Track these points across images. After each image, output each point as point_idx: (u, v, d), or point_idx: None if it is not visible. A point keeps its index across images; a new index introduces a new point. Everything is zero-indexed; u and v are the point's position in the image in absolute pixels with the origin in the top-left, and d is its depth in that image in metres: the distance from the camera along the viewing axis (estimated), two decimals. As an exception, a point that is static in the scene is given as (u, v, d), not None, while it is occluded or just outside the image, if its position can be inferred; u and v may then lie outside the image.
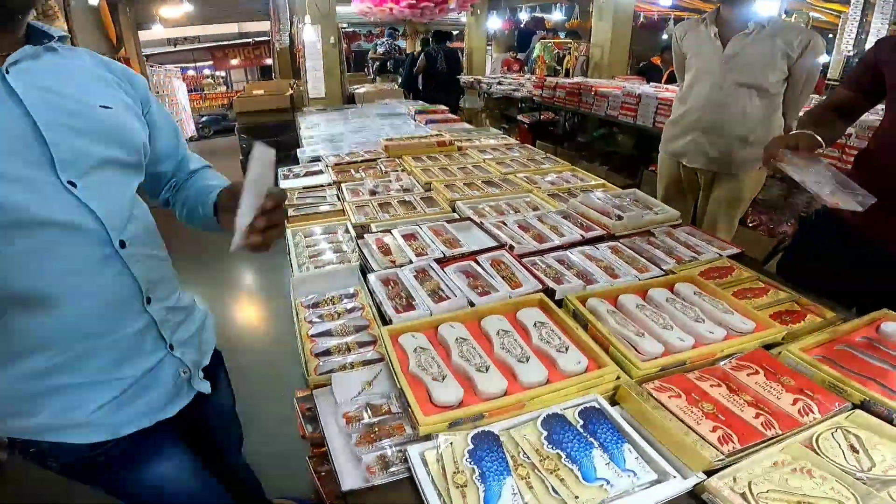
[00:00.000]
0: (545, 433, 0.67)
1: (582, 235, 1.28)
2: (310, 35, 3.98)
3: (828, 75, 4.19)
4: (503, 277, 1.07)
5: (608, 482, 0.61)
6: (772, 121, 1.87)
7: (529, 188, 1.67)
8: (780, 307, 1.01)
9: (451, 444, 0.67)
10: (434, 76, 5.58)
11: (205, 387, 0.92)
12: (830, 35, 4.33)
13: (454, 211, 1.52)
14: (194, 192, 0.95)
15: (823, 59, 1.94)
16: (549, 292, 1.02)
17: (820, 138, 1.12)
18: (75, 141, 0.72)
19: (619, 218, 1.32)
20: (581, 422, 0.69)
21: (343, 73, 4.56)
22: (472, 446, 0.66)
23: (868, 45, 3.56)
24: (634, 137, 4.39)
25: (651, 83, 4.88)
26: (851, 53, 3.82)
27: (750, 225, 2.83)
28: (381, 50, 10.02)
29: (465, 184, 1.72)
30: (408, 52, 8.45)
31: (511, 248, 1.20)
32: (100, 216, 0.72)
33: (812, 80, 1.81)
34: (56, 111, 0.72)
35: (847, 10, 3.65)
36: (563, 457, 0.64)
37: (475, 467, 0.63)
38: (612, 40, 5.46)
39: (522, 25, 10.27)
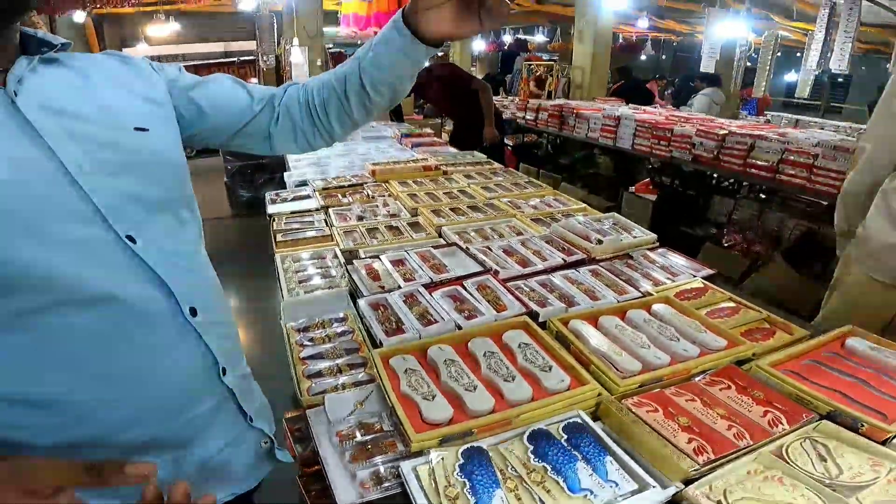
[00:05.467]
0: (531, 447, 0.72)
1: (564, 259, 1.35)
2: (297, 57, 4.08)
3: (796, 93, 4.43)
4: (489, 301, 1.13)
5: (592, 492, 0.66)
6: None
7: (513, 213, 1.75)
8: (751, 325, 1.09)
9: (443, 459, 0.72)
10: None
11: (286, 456, 0.85)
12: (798, 54, 4.59)
13: (440, 236, 1.58)
14: (332, 78, 0.80)
15: (791, 77, 2.06)
16: (533, 315, 1.09)
17: None
18: (120, 182, 0.62)
19: (599, 242, 1.40)
20: (565, 436, 0.75)
21: None
22: (462, 461, 0.71)
23: (832, 63, 3.73)
24: (614, 159, 4.56)
25: (630, 105, 5.09)
26: (818, 72, 4.05)
27: (725, 245, 2.96)
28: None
29: (450, 209, 1.79)
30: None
31: (496, 272, 1.27)
32: (165, 280, 0.62)
33: None
34: (86, 144, 0.60)
35: (813, 29, 3.85)
36: (549, 469, 0.69)
37: (466, 481, 0.68)
38: (593, 62, 5.68)
39: (506, 47, 10.62)
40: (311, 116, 0.84)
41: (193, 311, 0.65)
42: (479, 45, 10.18)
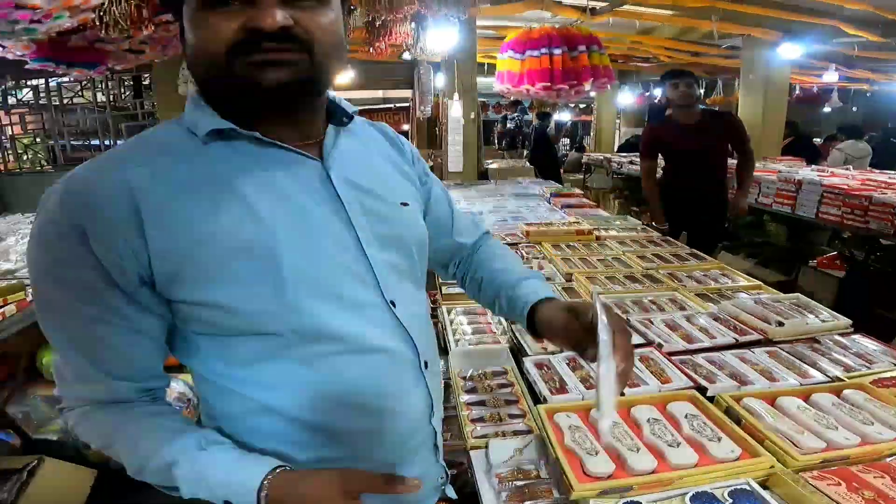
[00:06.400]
0: None
1: (735, 339, 1.38)
2: (456, 111, 4.48)
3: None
4: (652, 373, 1.21)
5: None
6: None
7: (674, 286, 1.81)
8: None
9: (602, 509, 0.82)
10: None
11: (452, 492, 0.95)
12: None
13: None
14: (487, 276, 0.97)
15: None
16: (701, 390, 1.13)
17: None
18: (386, 253, 0.74)
19: (780, 324, 1.40)
20: (730, 500, 0.80)
21: (480, 147, 5.08)
22: (620, 512, 0.80)
23: None
24: (789, 227, 4.24)
25: (812, 165, 4.74)
26: None
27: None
28: (510, 125, 10.86)
29: (606, 277, 1.91)
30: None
31: (659, 346, 1.35)
32: (412, 337, 0.76)
33: None
34: (370, 217, 0.73)
35: None
36: (714, 531, 0.77)
37: (623, 531, 0.78)
38: (764, 118, 5.41)
39: (656, 101, 10.50)
40: (458, 275, 1.06)
41: (426, 364, 0.79)
42: (626, 98, 10.22)
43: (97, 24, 2.12)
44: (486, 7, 3.70)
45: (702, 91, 3.12)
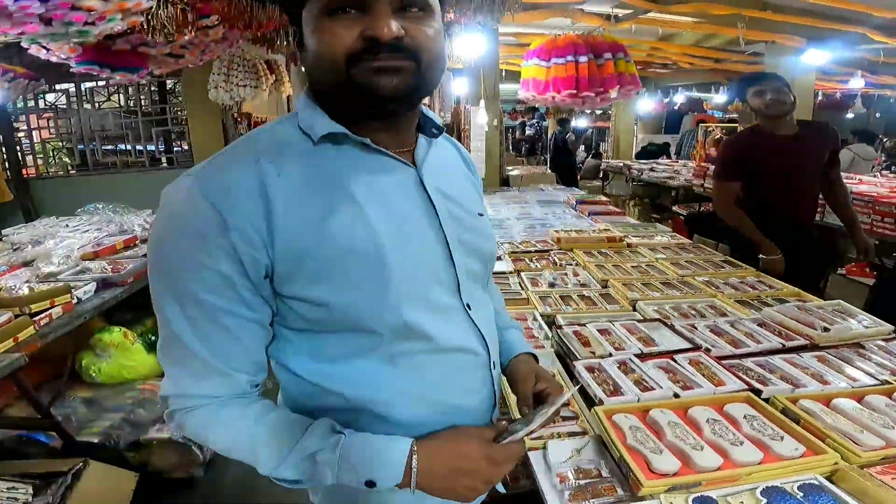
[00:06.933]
0: (764, 500, 0.86)
1: (782, 344, 1.44)
2: (482, 118, 4.52)
3: None
4: (704, 376, 1.27)
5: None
6: None
7: (713, 293, 1.87)
8: None
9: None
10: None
11: (500, 486, 0.98)
12: None
13: (634, 310, 1.76)
14: None
15: None
16: (755, 393, 1.19)
17: None
18: (467, 259, 0.80)
19: (826, 329, 1.46)
20: (801, 494, 0.87)
21: (502, 154, 5.15)
22: (691, 507, 0.87)
23: None
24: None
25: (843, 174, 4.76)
26: None
27: None
28: (529, 132, 10.94)
29: (642, 283, 1.97)
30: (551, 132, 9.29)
31: (707, 350, 1.41)
32: (486, 339, 0.82)
33: None
34: (456, 224, 0.78)
35: None
36: (787, 522, 0.83)
37: (695, 525, 0.84)
38: (789, 125, 5.46)
39: (676, 107, 10.55)
40: None
41: (494, 364, 0.86)
42: (646, 104, 10.27)
43: (144, 27, 2.21)
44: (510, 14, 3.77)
45: (794, 97, 2.47)
